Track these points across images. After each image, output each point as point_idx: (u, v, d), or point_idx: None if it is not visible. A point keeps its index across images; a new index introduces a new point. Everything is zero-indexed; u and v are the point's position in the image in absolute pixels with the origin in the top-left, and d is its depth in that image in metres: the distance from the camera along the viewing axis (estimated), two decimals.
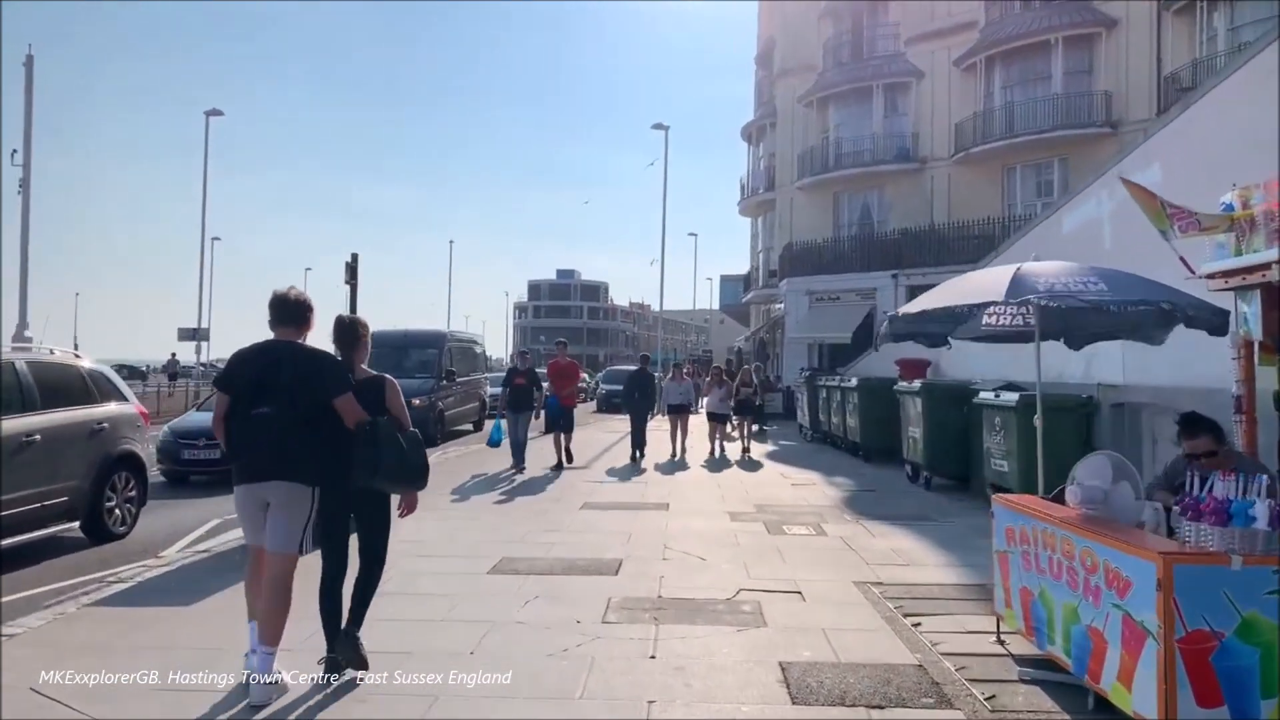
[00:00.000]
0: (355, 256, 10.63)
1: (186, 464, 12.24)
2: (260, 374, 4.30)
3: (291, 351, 4.37)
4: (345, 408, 4.31)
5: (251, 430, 4.26)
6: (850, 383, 15.81)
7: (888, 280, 28.81)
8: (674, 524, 9.13)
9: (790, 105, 33.99)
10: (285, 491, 4.24)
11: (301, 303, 4.51)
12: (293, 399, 4.23)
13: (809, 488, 12.05)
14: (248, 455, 4.28)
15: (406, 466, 4.38)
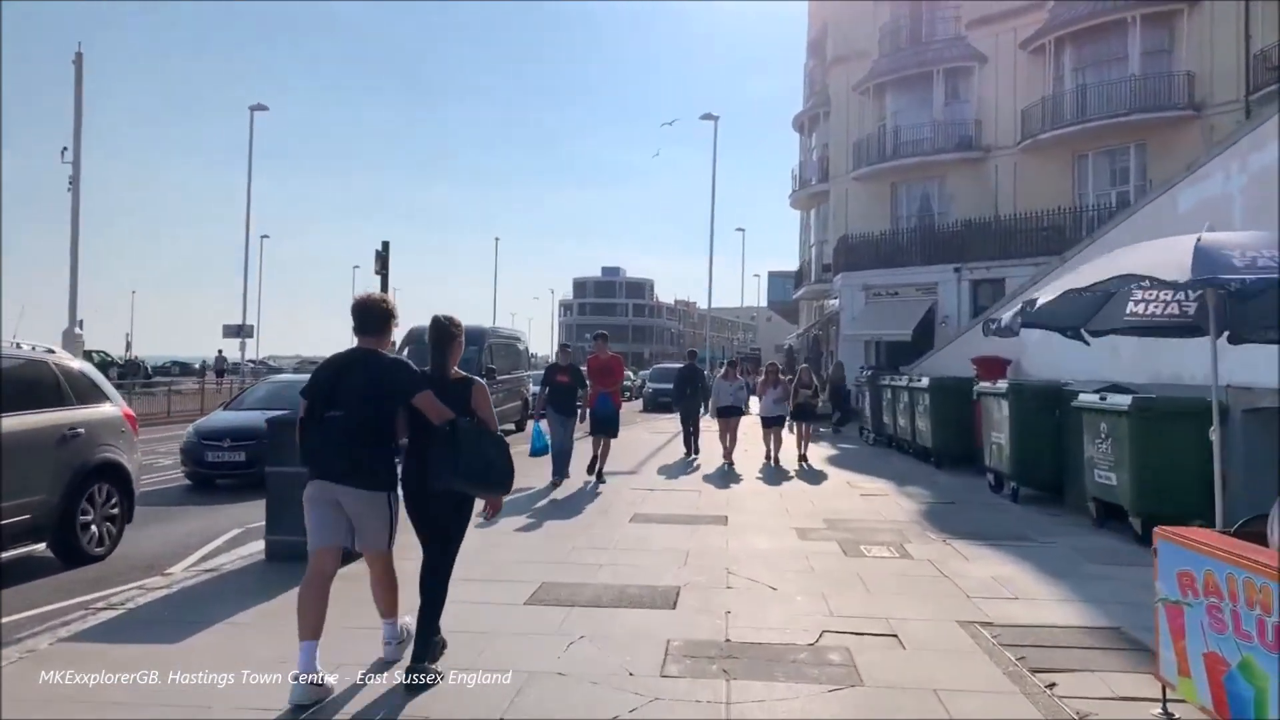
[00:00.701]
0: (385, 245, 9.80)
1: (210, 466, 11.57)
2: (334, 379, 4.39)
3: (365, 358, 4.43)
4: (426, 405, 4.33)
5: (323, 432, 4.35)
6: (921, 382, 14.61)
7: (950, 274, 27.41)
8: (735, 542, 8.10)
9: (844, 93, 32.67)
10: (359, 500, 4.33)
11: (381, 309, 4.54)
12: (363, 402, 4.29)
13: (880, 499, 10.93)
14: (320, 456, 4.37)
15: (487, 469, 4.36)
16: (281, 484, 7.15)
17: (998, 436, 11.02)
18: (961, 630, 5.42)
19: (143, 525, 9.33)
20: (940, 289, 27.65)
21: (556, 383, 11.68)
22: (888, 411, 17.13)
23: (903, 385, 15.74)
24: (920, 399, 14.61)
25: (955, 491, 11.57)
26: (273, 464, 7.21)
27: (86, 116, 35.88)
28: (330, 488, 4.35)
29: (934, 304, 27.71)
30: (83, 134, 35.71)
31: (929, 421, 14.21)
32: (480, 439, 4.37)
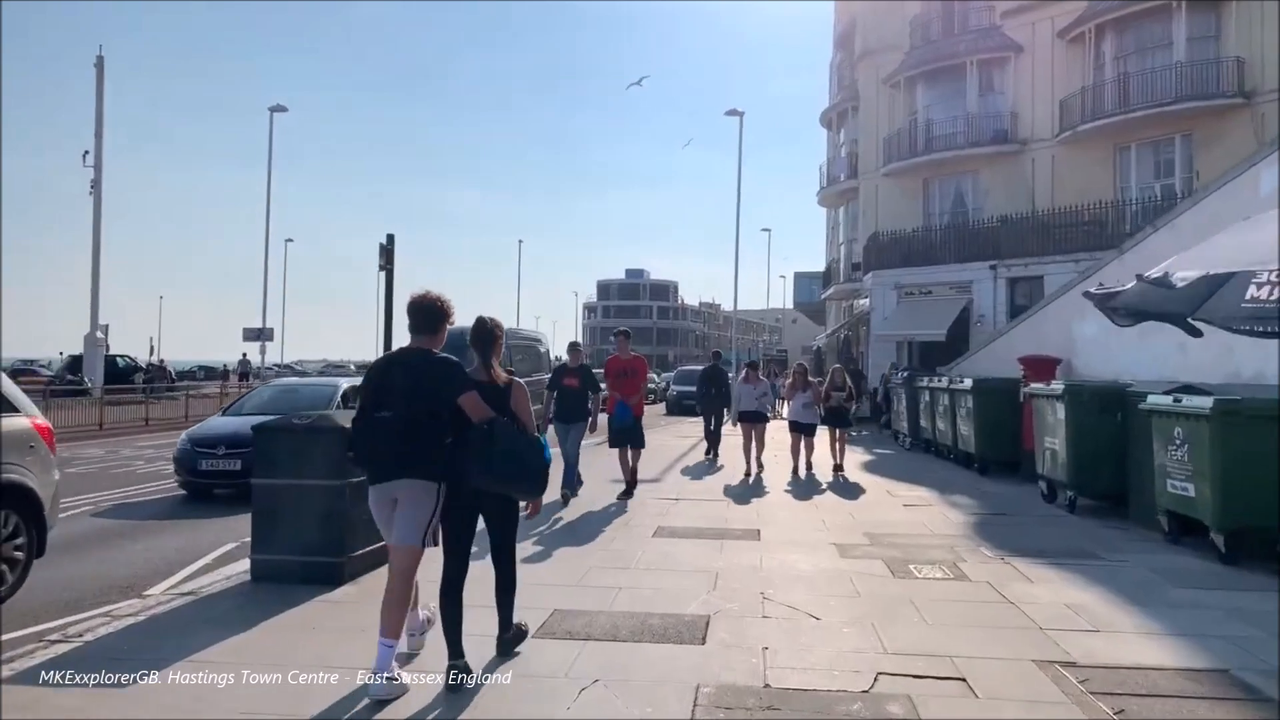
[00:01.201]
0: (390, 239, 9.13)
1: (205, 475, 10.90)
2: (382, 379, 4.43)
3: (412, 357, 4.44)
4: (469, 405, 4.33)
5: (372, 432, 4.37)
6: (963, 384, 13.74)
7: (985, 272, 26.45)
8: (770, 560, 7.33)
9: (874, 87, 31.76)
10: (409, 488, 4.30)
11: (436, 308, 4.53)
12: (410, 401, 4.30)
13: (925, 510, 10.10)
14: (371, 457, 4.39)
15: (520, 469, 4.34)
16: (268, 497, 6.50)
17: (1052, 442, 10.16)
18: (1041, 673, 4.62)
19: (130, 539, 8.74)
20: (975, 287, 26.70)
21: (564, 386, 10.42)
22: (925, 415, 16.25)
23: (943, 387, 14.87)
24: (962, 401, 13.74)
25: (1005, 501, 10.72)
26: (260, 474, 6.53)
27: (109, 119, 35.70)
28: (385, 488, 4.37)
29: (969, 303, 26.77)
30: (105, 137, 35.75)
31: (972, 425, 13.34)
32: (515, 439, 4.36)
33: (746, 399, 13.61)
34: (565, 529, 8.73)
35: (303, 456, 6.44)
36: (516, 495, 4.58)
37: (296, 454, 6.45)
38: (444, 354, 4.53)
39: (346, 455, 4.75)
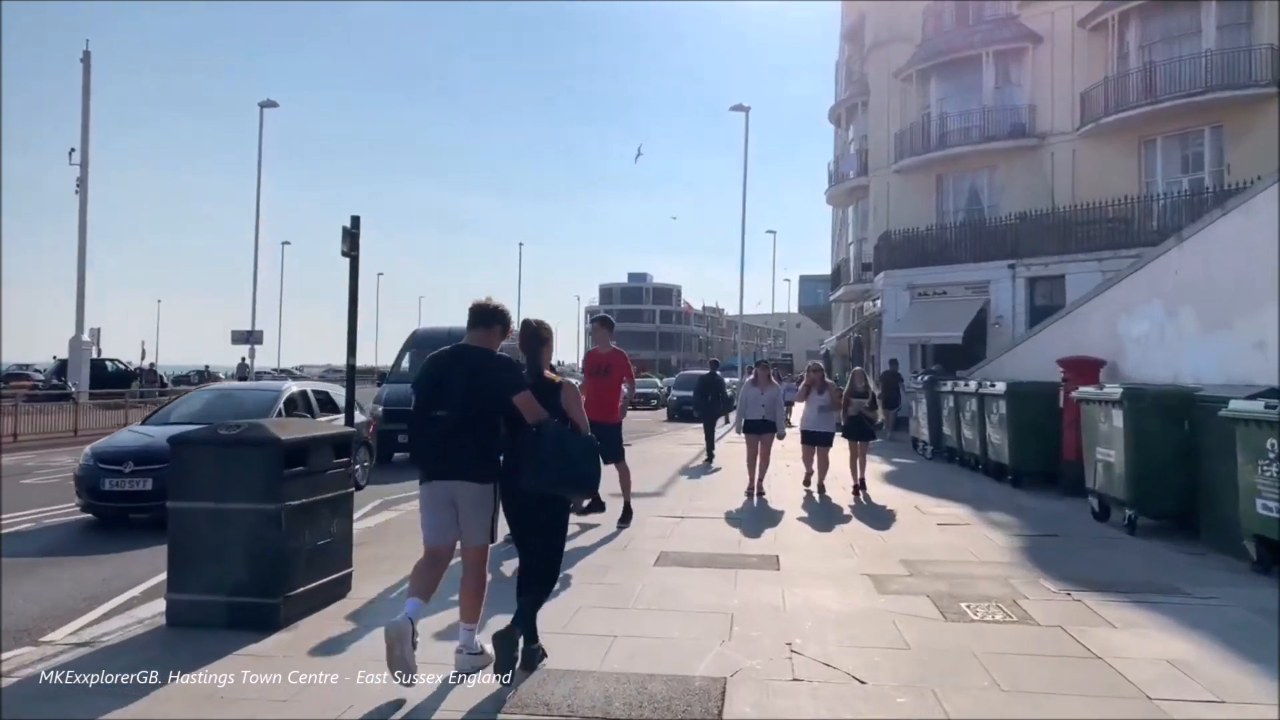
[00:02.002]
0: (355, 221, 7.98)
1: (109, 497, 9.10)
2: (437, 377, 4.46)
3: (467, 355, 4.48)
4: (524, 405, 4.34)
5: (429, 431, 4.42)
6: (994, 388, 12.56)
7: (1003, 271, 25.29)
8: (794, 596, 6.17)
9: (885, 80, 30.65)
10: (467, 491, 4.39)
11: (495, 310, 4.63)
12: (465, 401, 4.35)
13: (963, 531, 8.94)
14: (428, 455, 4.45)
15: (568, 470, 4.31)
16: (187, 525, 5.35)
17: (1106, 453, 8.99)
18: None
19: (58, 567, 7.58)
20: (993, 288, 25.55)
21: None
22: (949, 421, 15.08)
23: (970, 391, 13.70)
24: (994, 407, 12.57)
25: (1050, 520, 9.55)
26: (176, 497, 5.39)
27: (103, 118, 34.62)
28: (443, 486, 4.42)
29: (986, 304, 25.63)
30: (92, 135, 34.68)
31: (1005, 433, 12.17)
32: (564, 439, 4.35)
33: (753, 406, 11.38)
34: None
35: (229, 475, 5.30)
36: (566, 495, 4.52)
37: (221, 471, 5.31)
38: (503, 354, 4.64)
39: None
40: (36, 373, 47.06)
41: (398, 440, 14.11)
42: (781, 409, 11.64)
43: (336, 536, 5.91)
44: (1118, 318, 11.47)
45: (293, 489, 5.37)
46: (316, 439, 5.75)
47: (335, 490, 5.90)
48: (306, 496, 5.51)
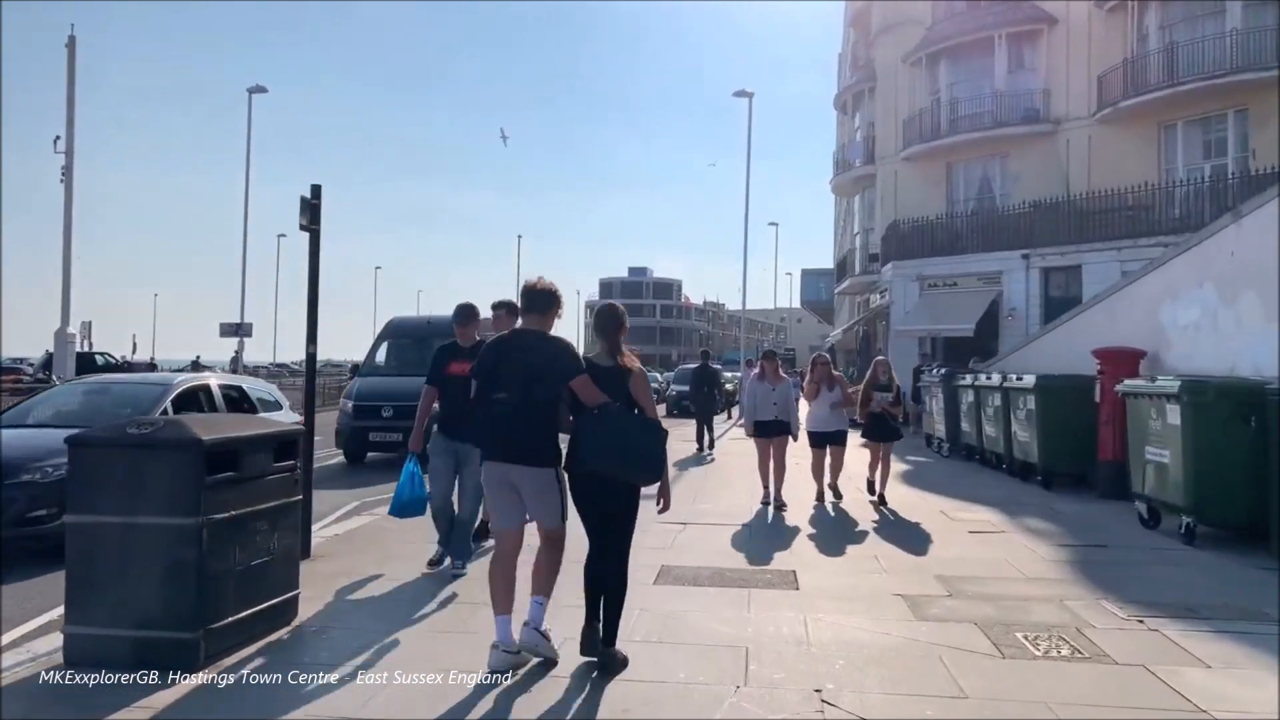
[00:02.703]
0: (316, 190, 7.02)
1: None
2: (498, 361, 4.45)
3: (527, 339, 4.49)
4: (581, 389, 4.35)
5: (492, 415, 4.40)
6: (1021, 381, 11.61)
7: (1016, 261, 24.36)
8: (819, 624, 5.24)
9: (892, 65, 29.67)
10: (531, 477, 4.36)
11: (547, 291, 4.58)
12: (526, 384, 4.35)
13: (999, 540, 8.01)
14: (493, 437, 4.42)
15: (626, 452, 4.27)
16: (88, 544, 4.42)
17: (1158, 453, 8.06)
18: None
19: None
20: (1005, 278, 24.62)
21: (448, 378, 6.29)
22: (968, 417, 14.15)
23: (992, 385, 12.75)
24: (1020, 402, 11.62)
25: (1093, 527, 8.61)
26: (76, 510, 4.45)
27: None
28: (504, 468, 4.38)
29: (998, 295, 24.70)
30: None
31: (1033, 430, 11.23)
32: (625, 421, 4.37)
33: (763, 404, 9.78)
34: None
35: (138, 483, 4.36)
36: (630, 479, 4.44)
37: (130, 479, 4.37)
38: (560, 337, 4.62)
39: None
40: (29, 367, 46.22)
41: (370, 439, 12.98)
42: (795, 406, 9.99)
43: (278, 554, 4.97)
44: (1161, 304, 10.52)
45: (218, 499, 4.45)
46: (251, 439, 4.81)
47: (277, 499, 4.96)
48: (237, 508, 4.59)
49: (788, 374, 11.26)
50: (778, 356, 10.39)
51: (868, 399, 10.20)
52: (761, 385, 9.88)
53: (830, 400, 9.99)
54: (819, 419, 10.02)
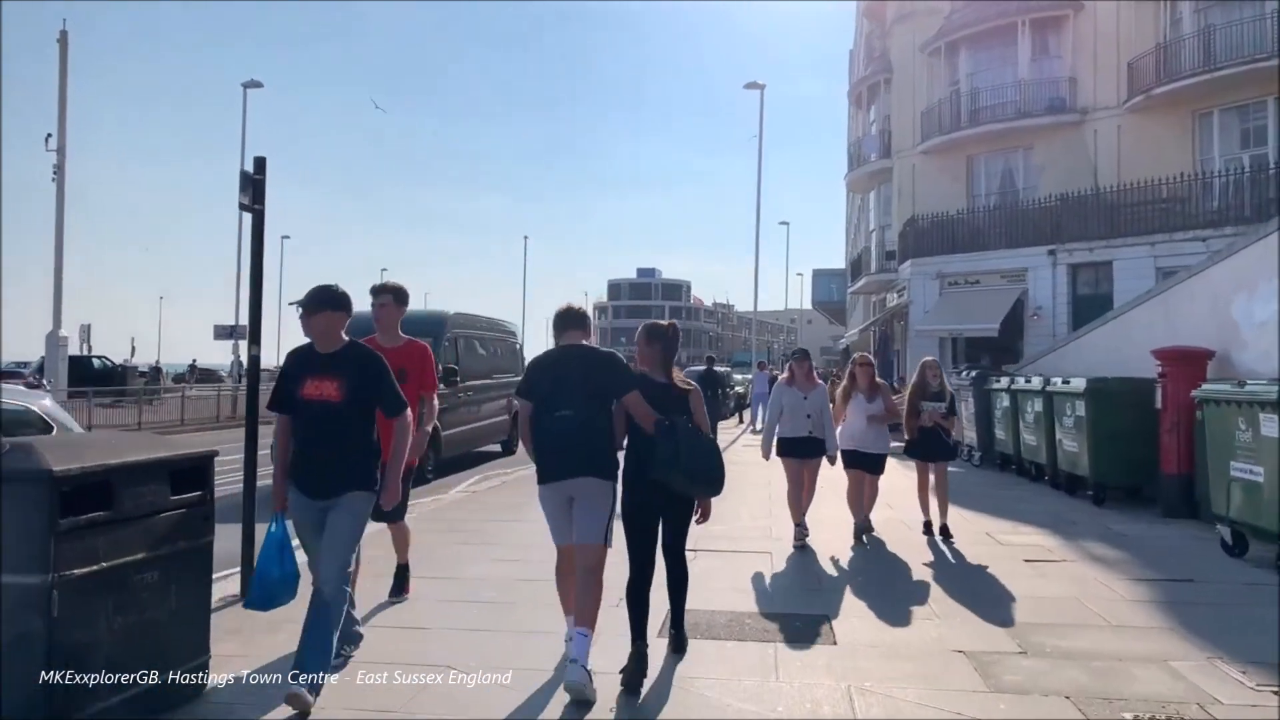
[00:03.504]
0: (260, 164, 5.94)
1: None
2: (557, 378, 4.40)
3: (582, 355, 4.46)
4: (634, 405, 4.36)
5: (555, 432, 4.33)
6: (1070, 385, 10.45)
7: (1042, 258, 23.16)
8: (866, 698, 4.12)
9: (909, 55, 28.49)
10: (588, 486, 4.30)
11: (584, 312, 4.67)
12: (587, 399, 4.32)
13: (1060, 570, 6.87)
14: (555, 454, 4.33)
15: (708, 468, 4.39)
16: None
17: (1248, 470, 6.91)
18: None
19: None
20: (1030, 275, 23.42)
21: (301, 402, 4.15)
22: (1004, 424, 12.99)
23: (1033, 389, 11.59)
24: (1067, 408, 10.47)
25: (1167, 555, 7.46)
26: None
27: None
28: (564, 486, 4.32)
29: (1023, 293, 23.50)
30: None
31: (1083, 439, 10.08)
32: (696, 437, 4.44)
33: (794, 416, 7.67)
34: (510, 602, 5.54)
35: None
36: (698, 494, 4.51)
37: None
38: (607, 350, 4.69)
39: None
40: (27, 370, 45.53)
41: None
42: (831, 420, 7.83)
43: (178, 613, 3.90)
44: (1232, 299, 9.37)
45: (81, 548, 3.37)
46: (134, 466, 3.71)
47: (175, 542, 3.88)
48: (111, 558, 3.51)
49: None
50: (807, 359, 8.09)
51: (914, 410, 8.31)
52: (791, 393, 7.71)
53: (870, 412, 7.89)
54: (856, 435, 7.92)
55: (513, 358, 17.34)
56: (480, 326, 15.92)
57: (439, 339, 12.86)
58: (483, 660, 4.53)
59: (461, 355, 14.02)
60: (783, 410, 7.72)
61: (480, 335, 15.64)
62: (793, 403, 7.69)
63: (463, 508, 10.04)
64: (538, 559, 6.31)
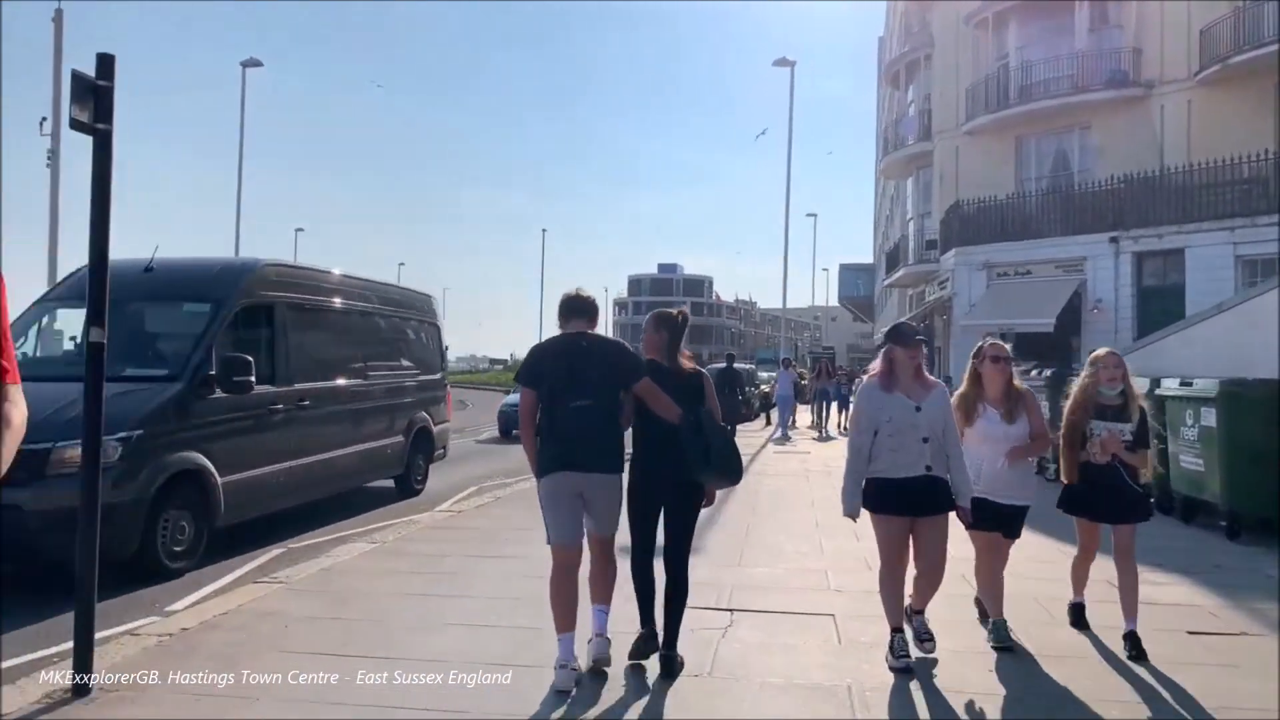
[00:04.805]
0: (106, 63, 4.10)
1: None
2: (570, 366, 4.28)
3: (595, 343, 4.39)
4: (647, 392, 4.28)
5: (574, 421, 4.23)
6: (1194, 388, 8.43)
7: (1103, 246, 21.09)
8: None
9: (953, 29, 26.40)
10: (603, 484, 4.28)
11: (593, 299, 4.55)
12: (606, 388, 4.27)
13: (1244, 649, 4.91)
14: (572, 445, 4.23)
15: (727, 461, 4.27)
16: None
17: None
18: None
19: None
20: (1090, 265, 21.37)
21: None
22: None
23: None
24: (1187, 416, 8.46)
25: None
26: None
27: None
28: (575, 478, 4.24)
29: (1081, 284, 21.48)
30: (62, 102, 31.50)
31: (1211, 457, 8.07)
32: (720, 429, 4.34)
33: (899, 442, 4.55)
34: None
35: None
36: (720, 485, 4.50)
37: None
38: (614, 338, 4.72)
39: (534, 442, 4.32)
40: None
41: None
42: (959, 445, 4.75)
43: None
44: None
45: None
46: None
47: None
48: None
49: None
50: (918, 343, 4.79)
51: (1078, 435, 5.01)
52: (890, 401, 4.59)
53: (1011, 437, 4.88)
54: (987, 475, 4.90)
55: (424, 346, 11.84)
56: (338, 292, 9.80)
57: (221, 307, 7.74)
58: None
59: (287, 337, 8.54)
60: (876, 431, 4.58)
61: (337, 307, 9.69)
62: (897, 417, 4.53)
63: (434, 538, 8.17)
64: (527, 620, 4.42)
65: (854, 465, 4.66)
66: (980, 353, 5.10)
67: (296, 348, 8.66)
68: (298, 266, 9.75)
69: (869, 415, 4.65)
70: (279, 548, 7.94)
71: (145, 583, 6.50)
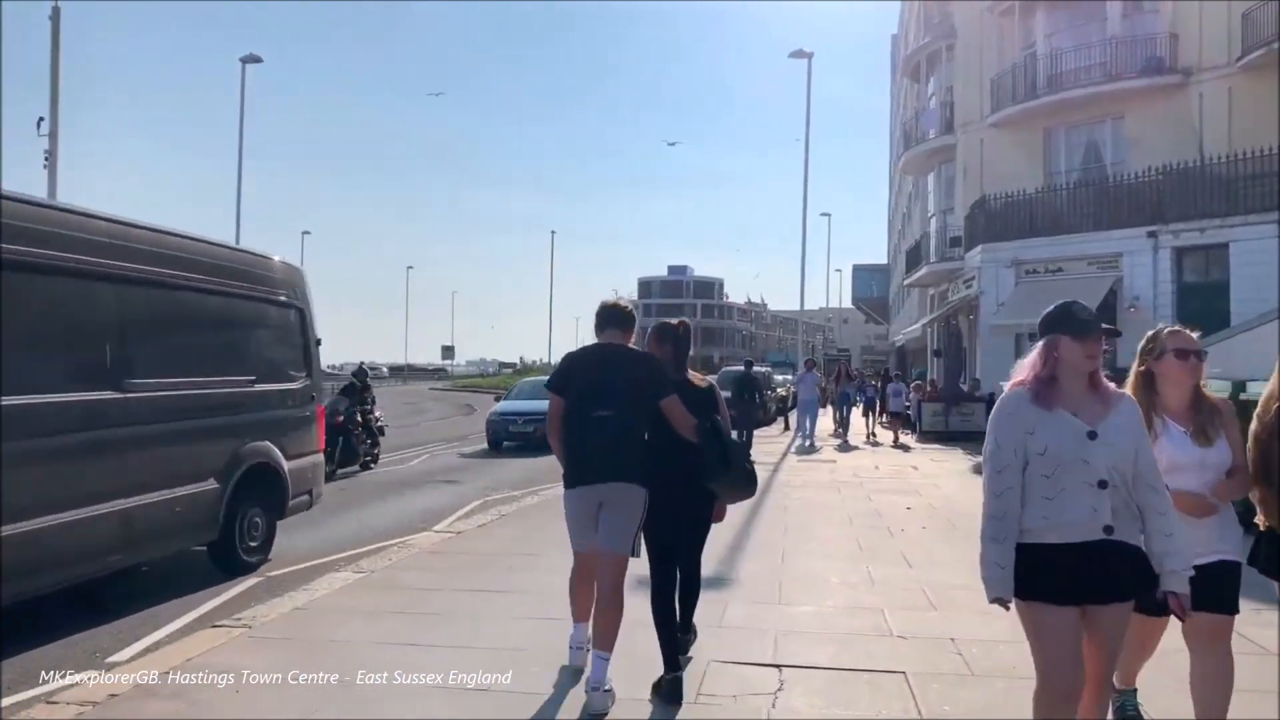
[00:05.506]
0: None
1: None
2: (598, 376, 4.25)
3: (626, 354, 4.35)
4: (672, 408, 4.21)
5: (594, 432, 4.18)
6: None
7: (1140, 241, 20.02)
8: None
9: (977, 17, 25.39)
10: (622, 492, 4.15)
11: (629, 309, 4.54)
12: (631, 400, 4.20)
13: None
14: (590, 456, 4.19)
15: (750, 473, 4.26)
16: None
17: None
18: None
19: None
20: (1126, 261, 20.31)
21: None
22: None
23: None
24: None
25: None
26: None
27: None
28: (595, 490, 4.17)
29: (1116, 281, 20.42)
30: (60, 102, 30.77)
31: None
32: (735, 442, 4.33)
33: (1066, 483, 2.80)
34: None
35: None
36: (733, 496, 4.43)
37: None
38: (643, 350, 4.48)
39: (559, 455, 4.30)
40: None
41: None
42: (1165, 493, 2.93)
43: None
44: None
45: None
46: None
47: None
48: None
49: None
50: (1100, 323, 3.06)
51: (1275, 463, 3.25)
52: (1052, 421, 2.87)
53: (1209, 464, 3.32)
54: (1217, 538, 3.34)
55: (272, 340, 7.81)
56: (98, 248, 5.77)
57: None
58: None
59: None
60: (1026, 463, 2.88)
61: (91, 272, 5.69)
62: (1056, 447, 2.83)
63: (428, 565, 7.23)
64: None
65: (996, 520, 2.86)
66: (1156, 345, 3.46)
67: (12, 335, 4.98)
68: (19, 199, 5.37)
69: (1015, 440, 2.88)
70: (256, 576, 7.04)
71: None
